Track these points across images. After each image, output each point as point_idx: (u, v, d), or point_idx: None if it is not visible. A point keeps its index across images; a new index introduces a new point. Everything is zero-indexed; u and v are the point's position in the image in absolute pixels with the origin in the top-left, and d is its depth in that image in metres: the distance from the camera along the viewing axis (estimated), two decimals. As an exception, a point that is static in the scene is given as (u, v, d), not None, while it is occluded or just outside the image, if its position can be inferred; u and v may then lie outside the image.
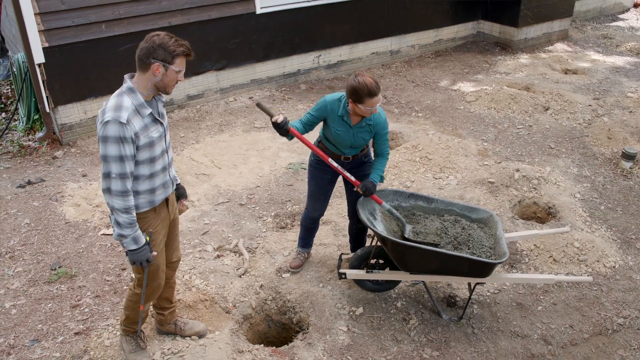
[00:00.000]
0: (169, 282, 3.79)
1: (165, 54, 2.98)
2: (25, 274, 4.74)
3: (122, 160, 2.98)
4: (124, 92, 3.04)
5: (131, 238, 3.15)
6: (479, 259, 3.76)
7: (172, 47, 2.99)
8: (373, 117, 3.99)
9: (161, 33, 3.04)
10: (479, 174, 6.11)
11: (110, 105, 2.98)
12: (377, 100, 3.77)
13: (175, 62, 3.02)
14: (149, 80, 3.05)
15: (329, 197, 4.49)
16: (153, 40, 2.98)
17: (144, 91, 3.08)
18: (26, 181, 6.07)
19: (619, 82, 8.86)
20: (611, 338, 4.16)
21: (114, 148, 2.94)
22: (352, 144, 4.07)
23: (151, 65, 2.99)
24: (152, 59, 2.98)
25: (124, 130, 2.94)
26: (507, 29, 10.37)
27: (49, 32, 6.37)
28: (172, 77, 3.07)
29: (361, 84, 3.71)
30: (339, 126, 4.02)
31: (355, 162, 4.24)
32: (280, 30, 8.22)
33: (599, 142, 6.90)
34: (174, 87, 3.16)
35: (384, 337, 4.11)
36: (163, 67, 3.00)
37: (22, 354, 3.95)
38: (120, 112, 2.94)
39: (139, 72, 3.06)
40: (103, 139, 2.94)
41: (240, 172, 6.28)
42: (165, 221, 3.45)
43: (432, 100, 8.25)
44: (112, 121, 2.91)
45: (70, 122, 6.94)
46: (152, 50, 2.97)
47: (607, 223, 5.44)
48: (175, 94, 7.67)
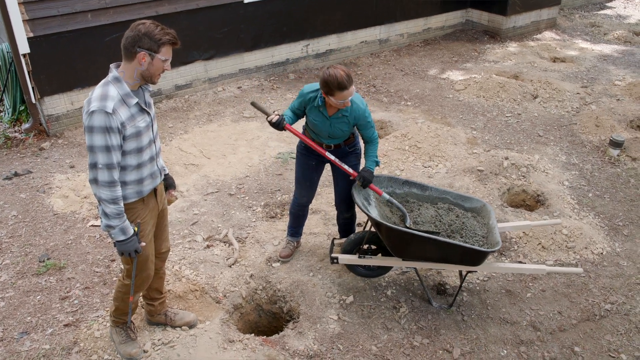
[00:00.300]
0: (158, 272, 3.78)
1: (151, 43, 2.94)
2: (13, 267, 4.70)
3: (109, 150, 2.95)
4: (109, 81, 3.00)
5: (119, 229, 3.12)
6: (472, 247, 3.78)
7: (158, 35, 2.95)
8: (349, 109, 3.97)
9: (147, 21, 2.99)
10: (468, 162, 6.13)
11: (96, 95, 2.94)
12: (348, 93, 3.75)
13: (161, 51, 2.98)
14: (134, 70, 3.01)
15: (315, 184, 4.48)
16: (139, 28, 2.94)
17: (130, 80, 3.04)
18: (13, 173, 6.01)
19: (607, 70, 8.90)
20: (599, 324, 4.21)
21: (100, 138, 2.91)
22: (329, 134, 4.06)
23: (137, 54, 2.95)
24: (137, 48, 2.94)
25: (110, 120, 2.90)
26: (496, 18, 10.37)
27: (33, 22, 6.28)
28: (158, 66, 3.02)
29: (331, 76, 3.70)
30: (316, 116, 4.03)
31: (339, 151, 4.21)
32: (268, 20, 8.17)
33: (587, 130, 6.94)
34: (160, 77, 3.13)
35: (375, 325, 4.12)
36: (149, 55, 2.96)
37: (11, 346, 3.92)
38: (106, 101, 2.90)
39: (125, 61, 3.01)
40: (89, 129, 2.91)
41: (230, 162, 6.25)
42: (154, 211, 3.43)
43: (421, 89, 8.25)
44: (98, 111, 2.88)
45: (57, 113, 6.87)
46: (137, 39, 2.93)
47: (595, 210, 5.48)
48: (163, 83, 7.61)
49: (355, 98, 3.99)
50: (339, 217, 4.65)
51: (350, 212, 4.54)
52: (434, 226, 4.08)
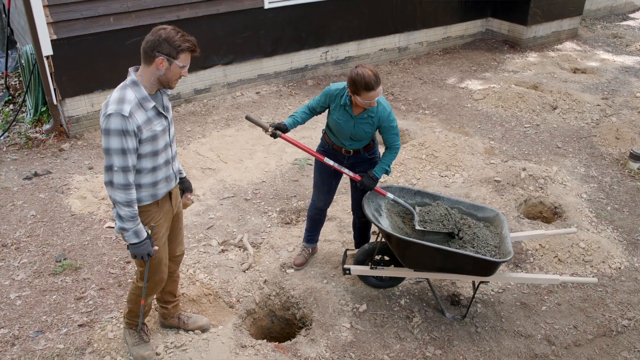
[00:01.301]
0: (172, 276, 3.81)
1: (170, 49, 2.97)
2: (30, 266, 4.76)
3: (125, 153, 2.99)
4: (127, 85, 3.03)
5: (132, 231, 3.15)
6: (483, 257, 3.75)
7: (178, 42, 2.97)
8: (375, 110, 3.96)
9: (168, 27, 3.03)
10: (485, 172, 6.09)
11: (114, 98, 2.97)
12: (375, 94, 3.73)
13: (179, 57, 3.00)
14: (152, 74, 3.04)
15: (333, 189, 4.48)
16: (159, 33, 2.97)
17: (148, 84, 3.07)
18: (33, 173, 6.10)
19: (628, 82, 8.80)
20: (615, 339, 4.15)
21: (116, 141, 2.94)
22: (352, 134, 4.04)
23: (155, 58, 2.98)
24: (156, 53, 2.97)
25: (127, 124, 2.93)
26: (516, 27, 10.31)
27: (57, 25, 6.39)
28: (176, 72, 3.05)
29: (359, 76, 3.69)
30: (340, 115, 4.02)
31: (358, 157, 4.21)
32: (288, 25, 8.21)
33: (607, 142, 6.86)
34: (177, 82, 3.15)
35: (387, 334, 4.10)
36: (167, 61, 2.99)
37: (26, 344, 3.97)
38: (123, 105, 2.94)
39: (144, 65, 3.05)
40: (105, 131, 2.94)
41: (246, 167, 6.28)
42: (168, 215, 3.45)
43: (439, 98, 8.22)
44: (115, 114, 2.91)
45: (78, 114, 6.95)
46: (157, 43, 2.96)
47: (613, 224, 5.41)
48: (182, 87, 7.68)
49: (382, 100, 3.98)
50: (355, 222, 4.65)
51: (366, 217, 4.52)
52: (442, 224, 4.05)
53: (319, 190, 4.48)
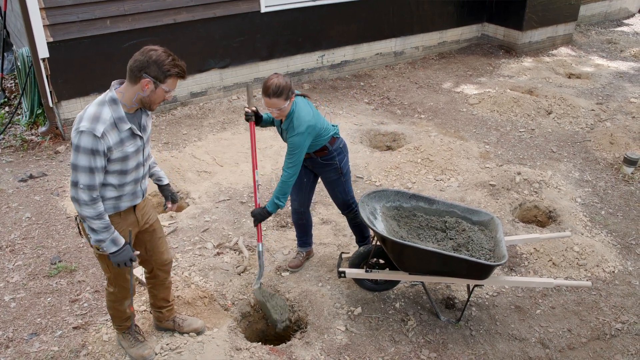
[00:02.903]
0: (163, 283, 3.81)
1: (159, 72, 2.89)
2: (25, 268, 4.75)
3: (92, 171, 2.93)
4: (105, 102, 2.94)
5: (109, 241, 3.11)
6: (477, 261, 3.76)
7: (167, 66, 2.90)
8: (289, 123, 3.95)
9: (159, 49, 2.94)
10: (480, 176, 6.11)
11: (88, 114, 2.89)
12: (269, 102, 3.77)
13: (166, 82, 2.95)
14: (135, 94, 2.96)
15: (304, 187, 4.45)
16: (149, 54, 2.89)
17: (128, 103, 2.99)
18: (28, 175, 6.09)
19: (623, 87, 8.85)
20: (609, 343, 4.16)
21: (85, 159, 2.88)
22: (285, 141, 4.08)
23: (141, 79, 2.90)
24: (143, 74, 2.89)
25: (97, 144, 2.87)
26: (512, 32, 10.37)
27: (53, 27, 6.39)
28: (160, 95, 2.99)
29: (266, 79, 3.78)
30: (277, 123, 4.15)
31: (313, 161, 4.23)
32: (284, 30, 8.23)
33: (601, 147, 6.90)
34: (158, 105, 3.08)
35: (382, 337, 4.11)
36: (153, 84, 2.92)
37: (20, 347, 3.96)
38: (97, 124, 2.86)
39: (128, 83, 2.96)
40: (75, 147, 2.88)
41: (242, 170, 6.29)
42: (133, 227, 3.37)
43: (434, 102, 8.25)
44: (87, 132, 2.84)
45: (73, 117, 6.95)
46: (146, 64, 2.88)
47: (607, 228, 5.43)
48: (179, 90, 7.68)
49: (299, 122, 3.89)
50: (348, 222, 4.67)
51: (351, 214, 4.53)
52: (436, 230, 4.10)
53: (292, 191, 4.50)
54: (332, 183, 4.33)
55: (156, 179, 3.66)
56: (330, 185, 4.37)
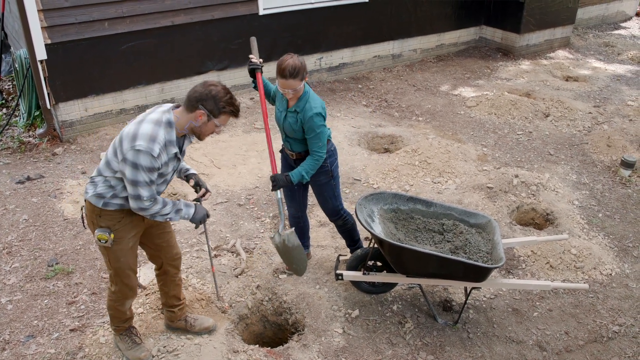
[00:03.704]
0: (174, 279, 3.84)
1: (214, 107, 3.07)
2: (22, 270, 4.74)
3: (151, 184, 3.11)
4: (162, 123, 3.09)
5: (185, 209, 3.36)
6: (474, 263, 3.77)
7: (223, 103, 3.08)
8: (302, 105, 3.91)
9: (220, 85, 3.12)
10: (478, 179, 6.12)
11: (145, 132, 3.02)
12: (284, 83, 3.76)
13: (219, 118, 3.13)
14: (189, 122, 3.13)
15: (296, 195, 4.44)
16: (210, 89, 3.07)
17: (179, 128, 3.16)
18: (25, 177, 6.08)
19: (620, 90, 8.87)
20: (606, 345, 4.17)
21: (144, 175, 3.05)
22: (283, 127, 4.05)
23: (197, 110, 3.08)
24: (200, 105, 3.06)
25: (154, 162, 3.04)
26: (509, 35, 10.39)
27: (51, 29, 6.39)
28: (211, 128, 3.18)
29: (280, 61, 3.77)
30: (279, 104, 4.10)
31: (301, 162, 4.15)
32: (283, 32, 8.24)
33: (599, 149, 6.91)
34: (207, 136, 3.27)
35: (379, 340, 4.11)
36: (207, 116, 3.10)
37: (17, 349, 3.95)
38: (154, 145, 3.01)
39: (184, 110, 3.13)
40: (134, 165, 3.01)
41: (240, 172, 6.28)
42: (137, 224, 3.42)
43: (432, 105, 8.26)
44: (145, 152, 2.99)
45: (71, 119, 6.95)
46: (204, 97, 3.05)
47: (604, 230, 5.44)
48: (177, 93, 7.68)
49: (314, 101, 3.91)
50: (336, 228, 4.64)
51: (340, 221, 4.50)
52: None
53: (286, 197, 4.52)
54: (321, 186, 4.27)
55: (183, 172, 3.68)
56: (319, 189, 4.30)
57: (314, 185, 4.30)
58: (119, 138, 3.10)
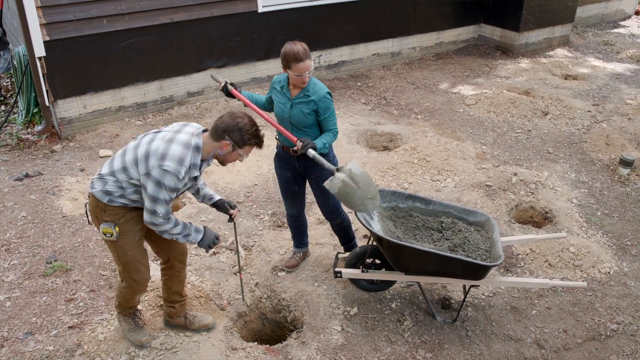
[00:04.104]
0: (179, 275, 3.86)
1: (239, 139, 3.19)
2: (20, 267, 4.74)
3: (169, 202, 3.21)
4: (191, 146, 3.17)
5: (194, 233, 3.43)
6: (473, 261, 3.77)
7: (249, 135, 3.20)
8: (311, 89, 3.96)
9: (247, 117, 3.22)
10: (477, 177, 6.12)
11: (175, 154, 3.11)
12: (304, 65, 3.80)
13: (244, 148, 3.25)
14: (214, 149, 3.25)
15: (297, 196, 4.44)
16: (237, 121, 3.17)
17: (205, 153, 3.27)
18: (24, 174, 6.07)
19: (619, 88, 8.88)
20: (604, 343, 4.17)
21: (165, 194, 3.14)
22: (291, 118, 4.01)
23: (223, 140, 3.19)
24: (226, 136, 3.18)
25: (178, 183, 3.15)
26: (509, 33, 10.39)
27: (50, 26, 6.38)
28: (235, 157, 3.30)
29: (288, 49, 3.80)
30: (280, 98, 4.07)
31: (307, 162, 4.11)
32: (281, 30, 8.23)
33: (597, 148, 6.92)
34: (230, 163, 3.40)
35: (378, 337, 4.11)
36: (232, 147, 3.22)
37: (15, 346, 3.95)
38: (181, 167, 3.12)
39: (210, 137, 3.23)
40: (158, 183, 3.10)
41: (238, 170, 6.28)
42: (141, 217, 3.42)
43: (431, 103, 8.26)
44: (172, 174, 3.09)
45: (70, 116, 6.94)
46: (231, 129, 3.17)
47: (603, 229, 5.44)
48: (175, 90, 7.68)
49: (319, 83, 4.04)
50: (332, 226, 4.63)
51: (339, 219, 4.50)
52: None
53: (285, 198, 4.51)
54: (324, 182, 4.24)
55: (208, 199, 3.80)
56: (322, 188, 4.23)
57: (317, 182, 4.24)
58: (144, 151, 3.15)
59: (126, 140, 6.87)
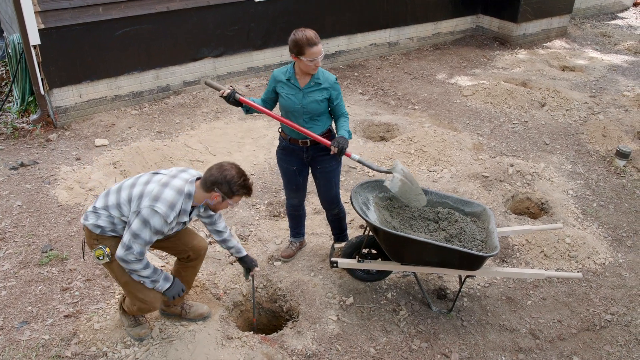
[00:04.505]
0: (195, 267, 3.91)
1: (228, 190, 3.27)
2: (16, 256, 4.73)
3: (148, 244, 3.26)
4: (184, 193, 3.27)
5: (162, 280, 3.48)
6: (469, 252, 3.77)
7: (236, 187, 3.27)
8: (321, 76, 3.96)
9: (234, 168, 3.29)
10: (474, 168, 6.12)
11: (167, 198, 3.20)
12: (318, 50, 3.79)
13: (233, 198, 3.33)
14: (204, 199, 3.34)
15: (301, 186, 4.44)
16: (225, 174, 3.25)
17: (196, 201, 3.37)
18: (19, 163, 6.05)
19: (616, 80, 8.87)
20: (598, 334, 4.19)
21: (148, 234, 3.20)
22: (304, 109, 3.97)
23: (212, 191, 3.28)
24: (215, 188, 3.26)
25: (164, 227, 3.23)
26: (506, 24, 10.36)
27: (45, 14, 6.32)
28: (224, 206, 3.39)
29: (301, 35, 3.78)
30: (288, 90, 4.00)
31: (317, 149, 4.14)
32: (279, 19, 8.18)
33: (594, 139, 6.92)
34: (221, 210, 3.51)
35: (374, 327, 4.12)
36: (221, 198, 3.30)
37: (11, 335, 3.94)
38: (171, 212, 3.21)
39: (201, 187, 3.31)
40: (145, 221, 3.17)
41: (235, 159, 6.26)
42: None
43: (428, 93, 8.25)
44: (161, 216, 3.17)
45: (65, 105, 6.90)
46: (219, 182, 3.24)
47: (598, 220, 5.46)
48: (172, 79, 7.64)
49: (325, 70, 4.05)
50: (328, 216, 4.63)
51: (337, 209, 4.51)
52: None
53: (287, 189, 4.49)
54: (330, 173, 4.25)
55: (235, 252, 3.90)
56: (327, 176, 4.27)
57: (323, 171, 4.25)
58: (139, 192, 3.25)
59: (122, 129, 6.84)
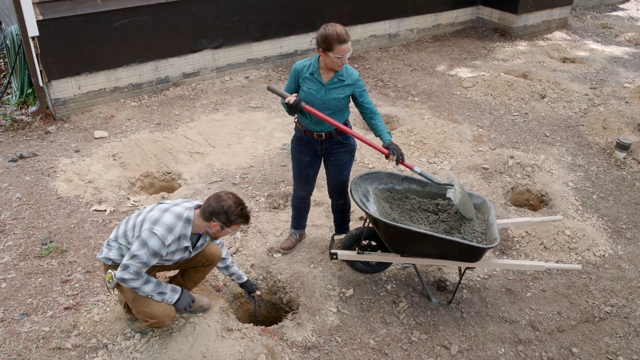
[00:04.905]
0: (206, 270, 3.91)
1: (226, 220, 3.35)
2: (15, 248, 4.73)
3: (145, 265, 3.34)
4: (183, 218, 3.39)
5: (170, 292, 3.53)
6: (469, 243, 3.77)
7: (234, 216, 3.34)
8: (345, 73, 3.94)
9: (232, 198, 3.38)
10: (473, 159, 6.11)
11: (165, 222, 3.33)
12: (347, 48, 3.75)
13: (231, 227, 3.41)
14: (204, 227, 3.45)
15: (311, 179, 4.44)
16: (222, 204, 3.33)
17: (197, 228, 3.46)
18: (18, 155, 6.03)
19: (617, 72, 8.85)
20: (598, 325, 4.20)
21: (146, 256, 3.30)
22: (325, 104, 3.95)
23: (211, 221, 3.37)
24: (214, 218, 3.35)
25: (162, 249, 3.32)
26: (507, 16, 10.31)
27: (43, 5, 6.29)
28: (224, 234, 3.49)
29: (331, 31, 3.72)
30: (310, 85, 3.96)
31: (331, 141, 4.14)
32: (278, 10, 8.14)
33: (594, 131, 6.91)
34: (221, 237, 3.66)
35: (373, 319, 4.13)
36: (220, 226, 3.39)
37: (11, 327, 3.95)
38: (169, 234, 3.32)
39: (201, 215, 3.41)
40: (143, 243, 3.29)
41: (234, 151, 6.25)
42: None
43: (428, 85, 8.22)
44: (159, 238, 3.29)
45: (64, 97, 6.88)
46: (217, 212, 3.33)
47: (598, 212, 5.46)
48: (171, 71, 7.61)
49: (349, 66, 4.01)
50: (333, 205, 4.63)
51: (343, 199, 4.52)
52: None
53: (297, 181, 4.48)
54: (342, 165, 4.26)
55: (237, 278, 4.03)
56: (339, 168, 4.27)
57: (336, 163, 4.25)
58: (142, 219, 3.40)
59: (121, 121, 6.82)
